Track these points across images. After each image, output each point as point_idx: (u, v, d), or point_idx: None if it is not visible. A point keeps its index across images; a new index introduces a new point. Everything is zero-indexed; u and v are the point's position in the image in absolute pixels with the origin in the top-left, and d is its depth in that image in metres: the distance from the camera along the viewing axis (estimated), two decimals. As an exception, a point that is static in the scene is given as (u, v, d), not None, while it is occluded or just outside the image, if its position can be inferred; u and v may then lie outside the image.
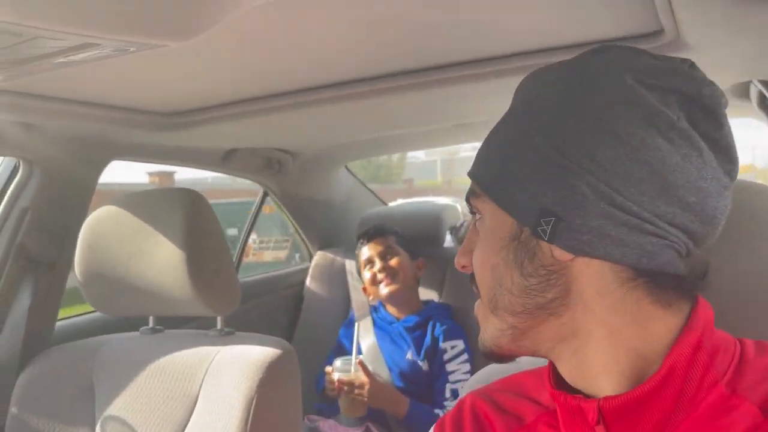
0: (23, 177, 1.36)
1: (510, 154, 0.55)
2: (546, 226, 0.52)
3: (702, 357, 0.52)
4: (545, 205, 0.52)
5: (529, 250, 0.55)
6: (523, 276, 0.55)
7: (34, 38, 0.53)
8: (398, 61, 1.15)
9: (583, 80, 0.54)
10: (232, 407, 1.10)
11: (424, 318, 1.92)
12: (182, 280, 1.16)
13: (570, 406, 0.56)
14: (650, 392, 0.52)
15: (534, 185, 0.53)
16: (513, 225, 0.55)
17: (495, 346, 0.59)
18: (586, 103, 0.53)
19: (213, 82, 1.20)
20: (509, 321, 0.57)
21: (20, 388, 1.27)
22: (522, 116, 0.57)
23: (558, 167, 0.52)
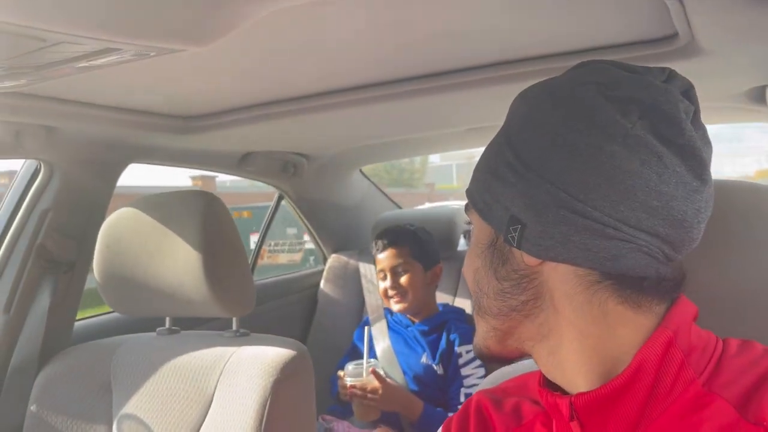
0: (44, 179, 1.38)
1: (488, 167, 0.60)
2: (514, 233, 0.56)
3: (676, 354, 0.53)
4: (514, 213, 0.56)
5: (503, 255, 0.59)
6: (498, 279, 0.59)
7: (57, 43, 0.55)
8: (413, 65, 1.16)
9: (550, 94, 0.58)
10: (246, 407, 1.11)
11: (440, 322, 1.92)
12: (198, 282, 1.18)
13: (549, 404, 0.59)
14: (619, 388, 0.53)
15: (505, 196, 0.57)
16: (491, 233, 0.60)
17: (485, 348, 0.63)
18: (547, 117, 0.56)
19: (230, 87, 1.21)
20: (491, 323, 0.61)
21: (39, 386, 1.29)
22: (501, 131, 0.61)
23: (522, 178, 0.56)
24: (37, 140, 1.26)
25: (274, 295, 2.22)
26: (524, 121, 0.58)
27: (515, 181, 0.56)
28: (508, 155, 0.57)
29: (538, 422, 0.63)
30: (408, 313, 1.93)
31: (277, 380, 1.12)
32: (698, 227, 0.55)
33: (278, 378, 1.12)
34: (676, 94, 0.54)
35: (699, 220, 0.54)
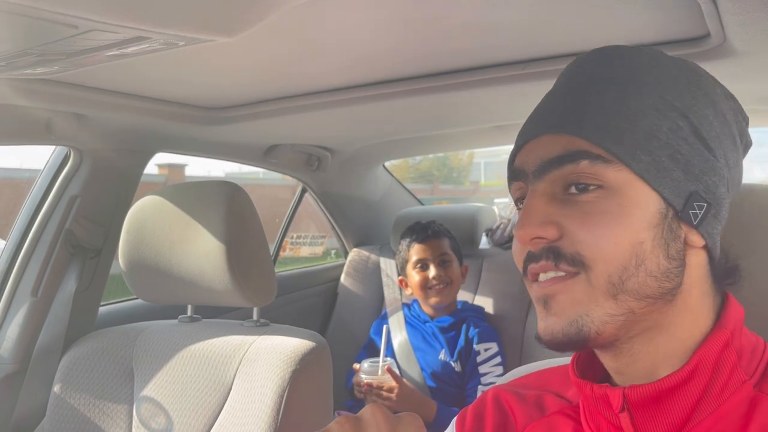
0: (73, 166, 1.41)
1: (653, 127, 0.54)
2: (698, 210, 0.53)
3: (730, 355, 0.53)
4: (696, 190, 0.54)
5: (673, 231, 0.54)
6: (668, 258, 0.53)
7: (89, 31, 0.56)
8: (439, 61, 1.16)
9: (711, 78, 0.59)
10: (265, 396, 1.12)
11: (459, 319, 1.91)
12: (221, 271, 1.19)
13: (596, 395, 0.57)
14: (676, 384, 0.53)
15: (686, 170, 0.54)
16: (660, 203, 0.53)
17: (595, 333, 0.53)
18: (719, 100, 0.57)
19: (257, 79, 1.22)
20: (630, 305, 0.53)
21: (64, 368, 1.31)
22: (669, 97, 0.55)
23: (705, 158, 0.54)
24: (68, 127, 1.28)
25: (294, 288, 2.24)
26: (701, 99, 0.56)
27: (696, 158, 0.54)
28: (683, 125, 0.54)
29: (562, 414, 0.63)
30: (443, 305, 1.92)
31: (296, 371, 1.13)
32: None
33: (297, 368, 1.13)
34: None
35: None
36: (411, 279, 1.94)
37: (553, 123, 0.56)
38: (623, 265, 0.52)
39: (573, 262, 0.53)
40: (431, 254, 1.91)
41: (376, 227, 2.54)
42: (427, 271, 1.90)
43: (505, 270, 2.12)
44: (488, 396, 0.70)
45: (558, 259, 0.54)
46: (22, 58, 0.65)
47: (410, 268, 1.94)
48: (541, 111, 0.60)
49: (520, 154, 0.59)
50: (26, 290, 1.38)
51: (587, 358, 0.63)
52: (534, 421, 0.64)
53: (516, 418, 0.66)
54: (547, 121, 0.57)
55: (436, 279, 1.87)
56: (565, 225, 0.54)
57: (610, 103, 0.54)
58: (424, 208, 2.54)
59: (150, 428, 1.23)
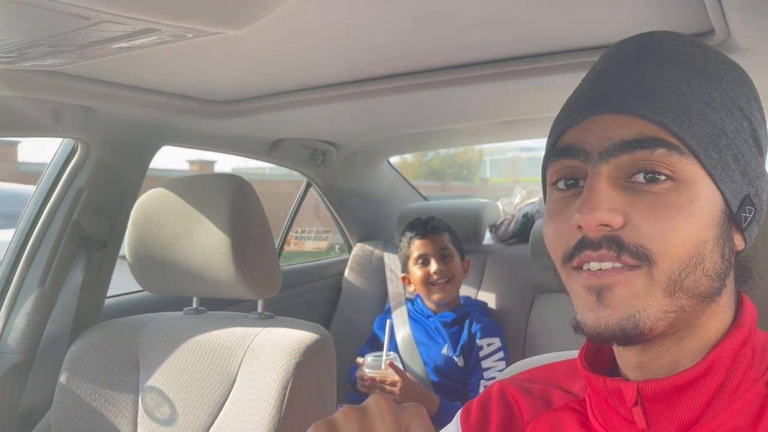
0: (80, 158, 1.42)
1: (723, 124, 0.52)
2: (748, 214, 0.53)
3: (747, 353, 0.54)
4: (749, 194, 0.54)
5: (729, 233, 0.54)
6: (722, 258, 0.53)
7: (100, 22, 0.57)
8: (445, 55, 1.16)
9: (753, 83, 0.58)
10: (269, 387, 1.13)
11: (462, 314, 1.92)
12: (226, 263, 1.20)
13: (609, 389, 0.56)
14: (692, 380, 0.53)
15: (748, 171, 0.54)
16: (722, 203, 0.53)
17: (649, 329, 0.51)
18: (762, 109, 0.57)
19: (263, 73, 1.23)
20: (682, 303, 0.52)
21: (70, 358, 1.33)
22: (733, 95, 0.54)
23: (759, 163, 0.55)
24: (75, 120, 1.29)
25: (298, 282, 2.25)
26: (755, 103, 0.56)
27: (754, 162, 0.54)
28: (747, 127, 0.54)
29: (569, 409, 0.63)
30: (446, 301, 1.92)
31: (300, 362, 1.14)
32: None
33: (301, 360, 1.14)
34: None
35: None
36: (413, 275, 1.94)
37: (623, 102, 0.52)
38: (686, 262, 0.51)
39: (636, 255, 0.51)
40: (432, 249, 1.91)
41: (380, 222, 2.55)
42: (429, 266, 1.90)
43: (509, 266, 2.13)
44: (493, 389, 0.69)
45: (620, 250, 0.51)
46: (33, 48, 0.65)
47: (411, 264, 1.95)
48: (601, 87, 0.55)
49: (575, 131, 0.55)
50: (34, 281, 1.40)
51: (593, 351, 0.62)
52: (540, 414, 0.64)
53: (521, 411, 0.66)
54: (614, 99, 0.53)
55: (438, 274, 1.88)
56: (632, 215, 0.51)
57: (686, 92, 0.52)
58: (427, 204, 2.54)
59: (155, 418, 1.24)
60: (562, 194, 0.56)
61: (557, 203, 0.56)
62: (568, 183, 0.56)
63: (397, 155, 2.56)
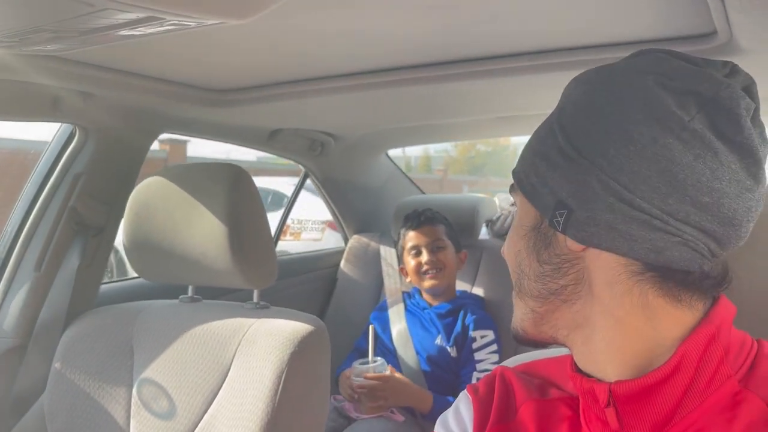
0: (78, 143, 1.41)
1: (538, 150, 0.60)
2: (560, 217, 0.56)
3: (717, 350, 0.54)
4: (561, 198, 0.56)
5: (546, 239, 0.59)
6: (539, 263, 0.60)
7: (104, 9, 0.56)
8: (445, 50, 1.16)
9: (607, 82, 0.57)
10: (263, 377, 1.13)
11: (457, 306, 1.94)
12: (222, 252, 1.20)
13: (584, 389, 0.59)
14: (661, 379, 0.54)
15: (553, 180, 0.57)
16: (535, 216, 0.60)
17: (521, 329, 0.63)
18: (604, 104, 0.56)
19: (263, 63, 1.23)
20: (530, 305, 0.62)
21: (64, 344, 1.33)
22: (553, 115, 0.61)
23: (573, 163, 0.56)
24: (74, 105, 1.28)
25: (294, 272, 2.25)
26: (579, 106, 0.58)
27: (565, 166, 0.56)
28: (560, 139, 0.57)
29: (563, 403, 0.65)
30: (437, 291, 1.95)
31: (294, 353, 1.14)
32: (747, 226, 0.54)
33: (295, 351, 1.14)
34: (738, 89, 0.53)
35: (749, 218, 0.54)
36: (407, 265, 2.00)
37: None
38: (515, 270, 0.63)
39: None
40: (424, 240, 1.96)
41: (377, 215, 2.55)
42: (420, 256, 1.95)
43: (504, 261, 2.13)
44: (497, 372, 0.72)
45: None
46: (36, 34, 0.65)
47: (406, 255, 2.00)
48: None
49: None
50: (29, 265, 1.39)
51: None
52: (533, 400, 0.66)
53: (516, 393, 0.68)
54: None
55: (428, 264, 1.93)
56: None
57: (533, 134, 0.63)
58: (424, 197, 2.55)
59: (148, 406, 1.24)
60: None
61: None
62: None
63: (397, 148, 2.56)
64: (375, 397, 1.71)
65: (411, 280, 2.00)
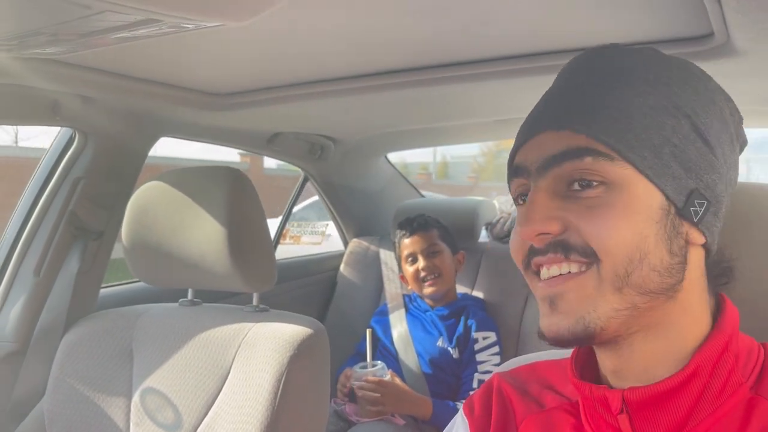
0: (78, 147, 1.42)
1: (656, 125, 0.54)
2: (699, 207, 0.54)
3: (729, 359, 0.54)
4: (696, 188, 0.54)
5: (675, 228, 0.55)
6: (670, 254, 0.54)
7: (102, 12, 0.57)
8: (444, 52, 1.16)
9: (705, 79, 0.59)
10: (263, 380, 1.13)
11: (458, 308, 1.94)
12: (222, 256, 1.20)
13: (595, 397, 0.57)
14: (675, 387, 0.54)
15: (687, 168, 0.54)
16: (662, 200, 0.54)
17: (600, 330, 0.54)
18: (716, 102, 0.58)
19: (262, 66, 1.23)
20: (634, 300, 0.54)
21: (64, 348, 1.33)
22: (672, 95, 0.56)
23: (706, 157, 0.55)
24: (74, 109, 1.29)
25: (294, 276, 2.25)
26: (702, 99, 0.57)
27: (698, 156, 0.55)
28: (686, 126, 0.55)
29: (561, 410, 0.64)
30: (437, 296, 1.95)
31: (294, 356, 1.14)
32: None
33: (295, 354, 1.14)
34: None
35: None
36: (406, 272, 2.00)
37: (555, 120, 0.57)
38: (628, 258, 0.53)
39: (584, 253, 0.54)
40: (419, 247, 1.96)
41: (376, 218, 2.55)
42: (417, 263, 1.95)
43: (504, 264, 2.13)
44: (493, 384, 0.71)
45: (568, 252, 0.54)
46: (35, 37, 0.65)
47: (404, 263, 2.00)
48: (541, 108, 0.60)
49: (521, 152, 0.59)
50: (29, 270, 1.39)
51: (585, 355, 0.63)
52: (533, 414, 0.65)
53: (515, 410, 0.67)
54: (548, 117, 0.57)
55: (425, 270, 1.92)
56: (570, 220, 0.54)
57: (613, 100, 0.55)
58: (424, 201, 2.55)
59: (148, 410, 1.24)
60: (521, 208, 0.61)
61: (518, 216, 0.60)
62: (523, 198, 0.61)
63: (397, 151, 2.56)
64: (374, 402, 1.70)
65: (411, 287, 2.01)
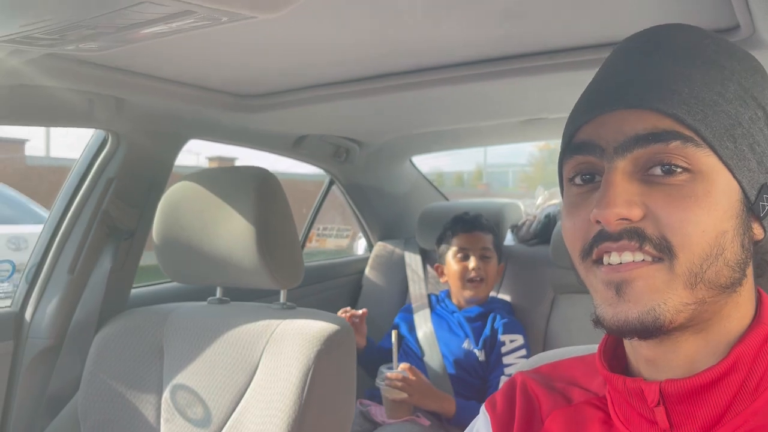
0: (111, 149, 1.45)
1: (737, 114, 0.53)
2: (767, 203, 0.53)
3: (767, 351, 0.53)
4: (766, 182, 0.53)
5: (747, 223, 0.53)
6: (743, 248, 0.53)
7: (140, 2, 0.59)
8: (470, 49, 1.17)
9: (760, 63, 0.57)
10: (290, 375, 1.14)
11: (486, 310, 1.93)
12: (250, 253, 1.22)
13: (629, 389, 0.56)
14: (715, 379, 0.53)
15: (760, 161, 0.53)
16: (740, 193, 0.53)
17: (669, 322, 0.51)
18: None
19: (289, 67, 1.25)
20: (703, 295, 0.52)
21: (97, 345, 1.36)
22: (747, 85, 0.55)
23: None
24: (108, 111, 1.32)
25: (319, 279, 2.26)
26: (765, 84, 0.56)
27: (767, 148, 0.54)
28: (762, 119, 0.54)
29: (589, 405, 0.63)
30: (474, 300, 1.93)
31: (321, 351, 1.15)
32: None
33: (322, 349, 1.16)
34: None
35: None
36: (450, 267, 1.96)
37: (636, 97, 0.53)
38: (707, 253, 0.51)
39: (659, 247, 0.51)
40: (474, 245, 1.93)
41: (401, 221, 2.56)
42: (467, 261, 1.92)
43: (530, 267, 2.12)
44: (517, 381, 0.70)
45: (643, 242, 0.51)
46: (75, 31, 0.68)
47: (450, 256, 1.95)
48: (613, 82, 0.56)
49: (590, 127, 0.55)
50: (64, 268, 1.43)
51: (612, 348, 0.62)
52: (559, 408, 0.64)
53: (541, 404, 0.66)
54: (626, 94, 0.53)
55: (475, 271, 1.90)
56: (651, 206, 0.51)
57: (698, 84, 0.52)
58: (449, 204, 2.55)
59: (178, 405, 1.26)
60: (579, 189, 0.57)
61: (575, 198, 0.57)
62: (585, 178, 0.57)
63: (420, 155, 2.57)
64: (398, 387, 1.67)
65: (449, 282, 1.97)
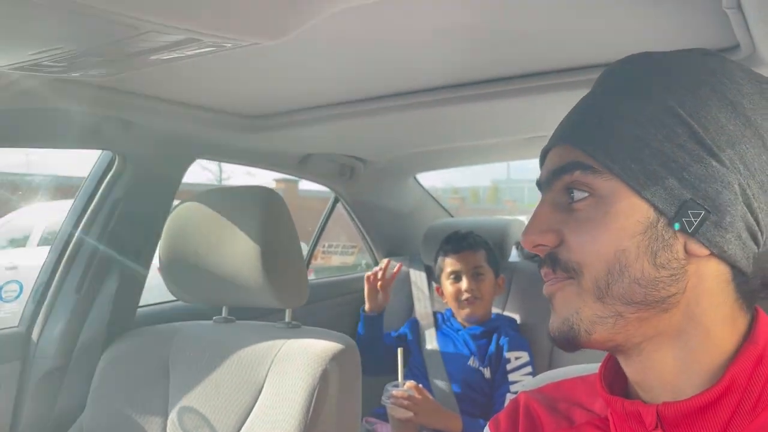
0: (118, 170, 1.46)
1: (647, 135, 0.54)
2: (694, 219, 0.52)
3: (763, 372, 0.53)
4: (692, 198, 0.52)
5: (664, 240, 0.53)
6: (655, 267, 0.53)
7: (147, 32, 0.60)
8: (475, 69, 1.18)
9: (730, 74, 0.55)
10: (295, 395, 1.15)
11: (491, 328, 1.92)
12: (256, 273, 1.23)
13: (627, 412, 0.57)
14: (711, 401, 0.53)
15: (681, 177, 0.53)
16: (649, 211, 0.53)
17: (585, 332, 0.55)
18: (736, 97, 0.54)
19: (294, 87, 1.27)
20: (618, 309, 0.54)
21: (103, 365, 1.36)
22: (656, 96, 0.55)
23: (706, 165, 0.52)
24: (115, 133, 1.34)
25: (324, 296, 2.26)
26: (713, 102, 0.54)
27: (693, 161, 0.53)
28: (680, 130, 0.53)
29: (592, 425, 0.63)
30: (473, 318, 1.93)
31: (326, 370, 1.16)
32: None
33: (327, 368, 1.16)
34: None
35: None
36: (445, 289, 1.97)
37: (559, 135, 0.60)
38: (607, 270, 0.54)
39: (566, 268, 0.56)
40: (464, 267, 1.92)
41: (406, 238, 2.56)
42: (460, 282, 1.92)
43: (535, 283, 2.12)
44: (520, 402, 0.70)
45: (555, 266, 0.57)
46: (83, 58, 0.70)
47: (444, 279, 1.97)
48: (558, 125, 0.63)
49: (544, 167, 0.62)
50: (71, 288, 1.44)
51: (613, 370, 0.63)
52: (561, 430, 0.65)
53: (543, 425, 0.66)
54: (556, 134, 0.61)
55: (468, 292, 1.89)
56: (564, 232, 0.57)
57: (606, 113, 0.56)
58: (454, 221, 2.55)
59: (184, 425, 1.26)
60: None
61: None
62: None
63: (425, 172, 2.58)
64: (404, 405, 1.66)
65: (447, 303, 1.99)
